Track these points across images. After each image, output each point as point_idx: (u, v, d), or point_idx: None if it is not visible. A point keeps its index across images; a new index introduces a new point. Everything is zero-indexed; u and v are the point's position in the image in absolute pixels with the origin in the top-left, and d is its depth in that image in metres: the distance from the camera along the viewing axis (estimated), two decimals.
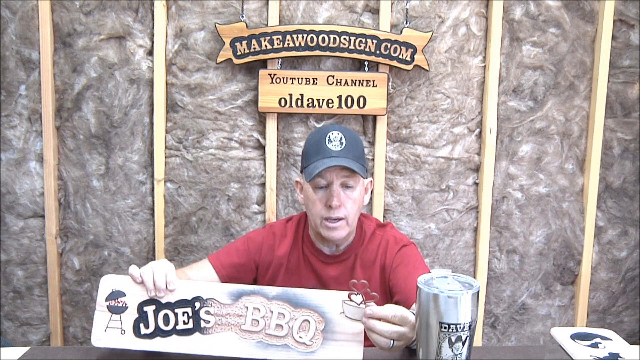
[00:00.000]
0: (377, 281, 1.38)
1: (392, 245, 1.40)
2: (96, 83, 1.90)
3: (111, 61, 1.88)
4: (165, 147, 1.93)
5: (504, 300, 2.09)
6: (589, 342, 1.17)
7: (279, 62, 1.87)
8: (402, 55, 1.86)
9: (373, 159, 1.96)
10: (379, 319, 1.02)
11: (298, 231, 1.47)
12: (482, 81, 1.97)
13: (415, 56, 1.86)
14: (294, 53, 1.85)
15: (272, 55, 1.84)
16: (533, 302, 2.09)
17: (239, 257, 1.44)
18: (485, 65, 1.96)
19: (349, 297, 1.09)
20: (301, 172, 1.40)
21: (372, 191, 1.48)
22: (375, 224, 1.47)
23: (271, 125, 1.91)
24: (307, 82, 1.87)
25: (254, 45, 1.83)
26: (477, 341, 2.08)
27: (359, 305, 1.07)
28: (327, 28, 1.84)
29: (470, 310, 0.94)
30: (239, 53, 1.83)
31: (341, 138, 1.32)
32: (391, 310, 1.02)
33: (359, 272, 1.39)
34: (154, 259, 1.98)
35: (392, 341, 1.02)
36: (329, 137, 1.32)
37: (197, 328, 1.10)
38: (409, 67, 1.87)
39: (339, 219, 1.33)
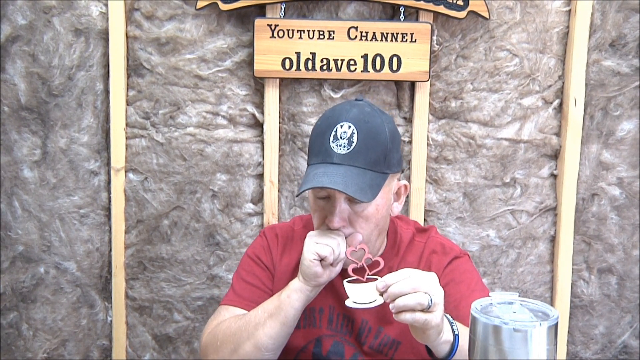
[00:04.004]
0: None
1: (439, 256, 1.46)
2: (26, 34, 1.96)
3: (47, 3, 1.94)
4: (127, 125, 2.01)
5: (595, 339, 2.16)
6: None
7: (282, 8, 1.93)
8: None
9: (410, 142, 2.02)
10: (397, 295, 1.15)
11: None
12: (566, 32, 2.02)
13: None
14: None
15: None
16: None
17: (260, 279, 1.52)
18: (570, 10, 2.00)
19: (352, 271, 1.26)
20: None
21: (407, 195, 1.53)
22: (415, 227, 1.53)
23: (271, 95, 1.97)
24: (321, 36, 1.93)
25: None
26: None
27: (365, 280, 1.22)
28: None
29: (545, 350, 0.99)
30: None
31: (352, 134, 1.34)
32: (407, 279, 1.16)
33: None
34: (110, 277, 2.07)
35: (429, 299, 1.14)
36: (336, 131, 1.35)
37: None
38: (462, 14, 1.93)
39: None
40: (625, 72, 2.04)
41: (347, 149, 1.34)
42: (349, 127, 1.35)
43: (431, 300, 1.13)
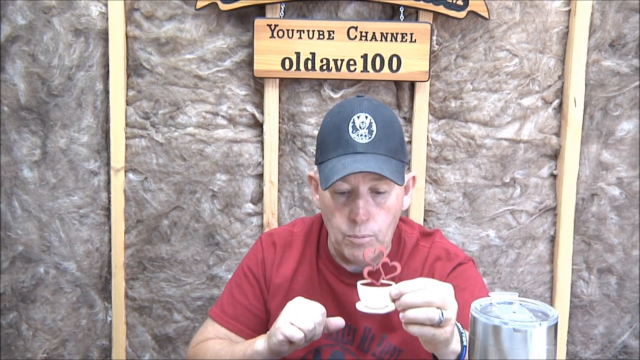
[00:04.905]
0: None
1: (443, 262, 1.46)
2: (26, 34, 1.97)
3: (47, 3, 1.95)
4: (126, 125, 2.02)
5: (595, 339, 2.16)
6: None
7: (282, 8, 1.94)
8: None
9: (410, 142, 2.02)
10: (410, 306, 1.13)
11: (310, 239, 1.54)
12: (565, 32, 2.02)
13: None
14: None
15: None
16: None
17: (247, 297, 1.52)
18: (569, 10, 2.01)
19: (367, 274, 1.22)
20: (315, 163, 1.44)
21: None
22: (419, 232, 1.52)
23: (271, 95, 1.98)
24: (321, 36, 1.94)
25: None
26: None
27: (379, 284, 1.20)
28: None
29: (545, 350, 0.99)
30: None
31: (370, 124, 1.34)
32: (424, 289, 1.13)
33: None
34: (110, 277, 2.08)
35: (440, 312, 1.11)
36: (354, 122, 1.34)
37: None
38: (461, 14, 1.94)
39: (366, 236, 1.37)
40: (625, 72, 2.05)
41: (369, 138, 1.34)
42: (366, 117, 1.34)
43: (442, 315, 1.11)
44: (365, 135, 1.34)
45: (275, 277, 1.51)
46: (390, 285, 1.18)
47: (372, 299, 1.20)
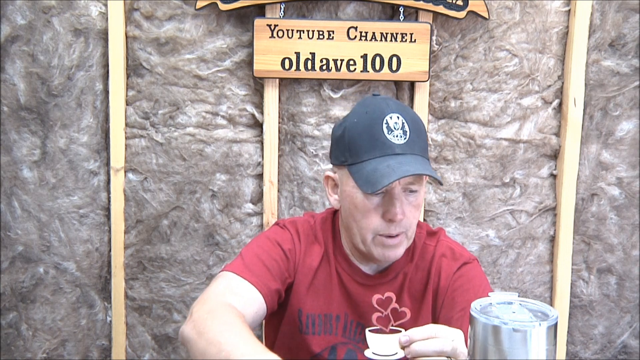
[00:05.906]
0: (427, 313, 1.44)
1: (448, 261, 1.46)
2: (25, 34, 1.97)
3: (47, 3, 1.96)
4: (126, 125, 2.02)
5: (594, 339, 2.17)
6: None
7: (282, 8, 1.94)
8: None
9: None
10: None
11: (327, 236, 1.52)
12: (565, 32, 2.03)
13: None
14: None
15: None
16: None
17: (274, 267, 1.41)
18: (569, 10, 2.01)
19: (376, 320, 1.20)
20: (339, 164, 1.41)
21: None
22: (425, 230, 1.52)
23: (271, 95, 1.99)
24: (321, 36, 1.94)
25: None
26: None
27: (388, 330, 1.18)
28: None
29: (545, 350, 0.99)
30: None
31: (403, 124, 1.34)
32: (435, 337, 1.13)
33: (407, 301, 1.45)
34: (109, 277, 2.08)
35: None
36: (387, 123, 1.34)
37: None
38: (461, 14, 1.94)
39: (398, 234, 1.37)
40: (625, 72, 2.05)
41: (404, 139, 1.34)
42: (398, 117, 1.35)
43: None
44: (401, 136, 1.33)
45: (301, 266, 1.47)
46: (400, 331, 1.17)
47: (381, 346, 1.19)
